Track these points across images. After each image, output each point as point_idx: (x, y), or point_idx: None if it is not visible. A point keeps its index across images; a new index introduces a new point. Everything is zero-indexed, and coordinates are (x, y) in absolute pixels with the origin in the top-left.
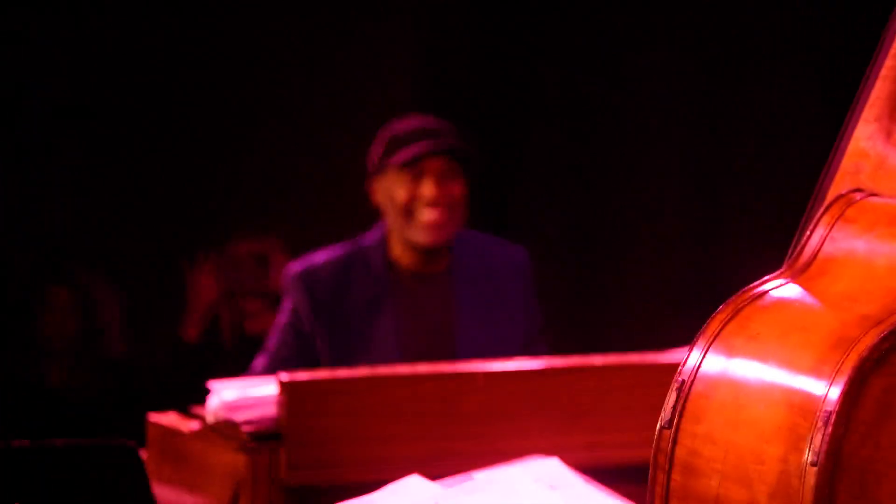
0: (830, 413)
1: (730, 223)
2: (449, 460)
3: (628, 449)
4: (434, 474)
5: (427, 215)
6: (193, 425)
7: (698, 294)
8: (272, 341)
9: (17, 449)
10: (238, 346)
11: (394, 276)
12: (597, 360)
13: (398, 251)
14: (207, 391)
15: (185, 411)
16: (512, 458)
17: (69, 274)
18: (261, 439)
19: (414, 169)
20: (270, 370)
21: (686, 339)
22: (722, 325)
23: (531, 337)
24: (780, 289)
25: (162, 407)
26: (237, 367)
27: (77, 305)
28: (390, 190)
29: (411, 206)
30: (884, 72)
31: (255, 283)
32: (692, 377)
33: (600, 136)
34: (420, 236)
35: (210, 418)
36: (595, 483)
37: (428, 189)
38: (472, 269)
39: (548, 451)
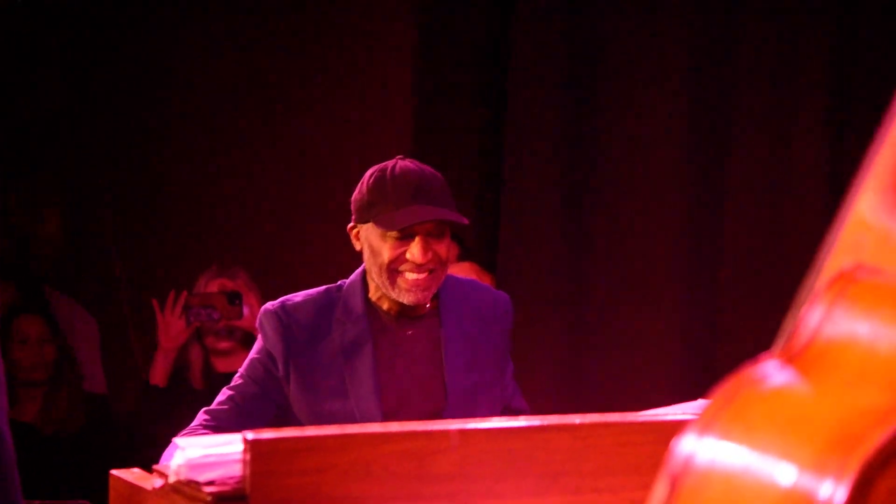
0: None
1: (722, 282)
2: None
3: None
4: None
5: (412, 278)
6: (157, 482)
7: (685, 354)
8: (241, 376)
9: None
10: (207, 384)
11: (374, 319)
12: (575, 418)
13: (379, 293)
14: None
15: (149, 468)
16: None
17: (42, 305)
18: (225, 500)
19: (402, 231)
20: (233, 406)
21: (668, 398)
22: (717, 413)
23: (509, 382)
24: (778, 374)
25: (130, 449)
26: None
27: (49, 334)
28: (374, 245)
29: (395, 266)
30: (891, 139)
31: (227, 321)
32: (685, 469)
33: (593, 182)
34: (403, 297)
35: (173, 477)
36: None
37: (415, 254)
38: (458, 311)
39: None
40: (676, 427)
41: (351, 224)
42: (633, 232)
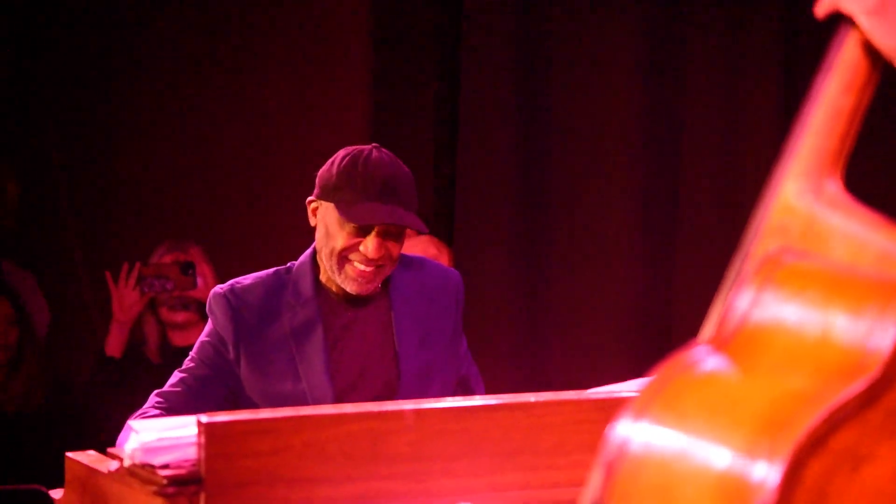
0: (766, 501)
1: (677, 249)
2: (378, 502)
3: (562, 488)
4: None
5: (359, 270)
6: (112, 465)
7: (639, 328)
8: (192, 359)
9: None
10: (164, 358)
11: (324, 300)
12: (530, 396)
13: (328, 275)
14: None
15: (104, 446)
16: (442, 499)
17: (4, 284)
18: (180, 483)
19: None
20: (185, 388)
21: (625, 368)
22: (651, 399)
23: (462, 357)
24: (709, 360)
25: (87, 426)
26: (163, 381)
27: (14, 315)
28: (329, 227)
29: (346, 254)
30: (813, 124)
31: (180, 292)
32: (619, 454)
33: (552, 150)
34: (348, 285)
35: (128, 461)
36: None
37: (369, 249)
38: (408, 290)
39: (480, 491)
40: (629, 404)
41: (311, 198)
42: (590, 201)
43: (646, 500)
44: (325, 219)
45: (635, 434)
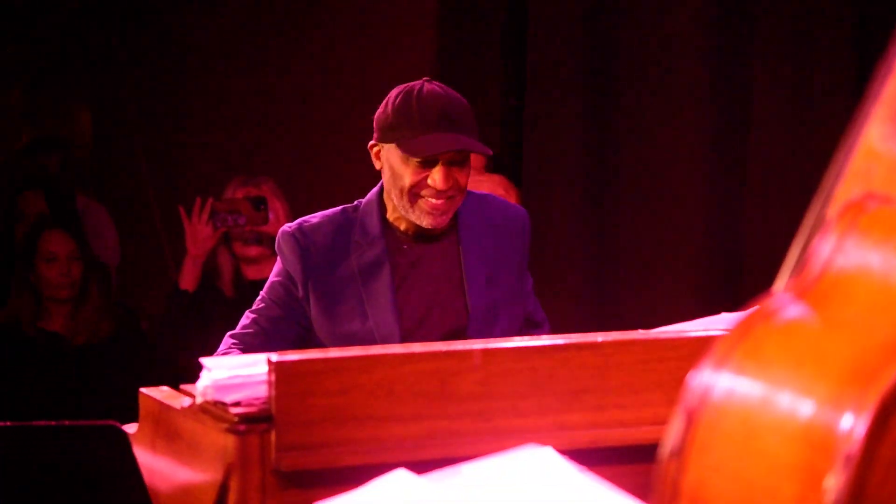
0: (853, 452)
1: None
2: (445, 440)
3: (630, 427)
4: (429, 456)
5: (432, 203)
6: (185, 402)
7: (708, 267)
8: (262, 300)
9: (2, 430)
10: (238, 292)
11: (392, 239)
12: (598, 336)
13: (396, 213)
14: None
15: (177, 385)
16: (510, 438)
17: (70, 219)
18: (251, 421)
19: (425, 157)
20: (258, 329)
21: (691, 312)
22: (732, 348)
23: (529, 295)
24: (791, 308)
25: (159, 360)
26: (237, 314)
27: (77, 250)
28: (395, 167)
29: (416, 191)
30: None
31: (252, 227)
32: (701, 403)
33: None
34: (423, 220)
35: (199, 398)
36: (591, 472)
37: (437, 181)
38: (476, 227)
39: (547, 430)
40: (698, 343)
41: (372, 142)
42: (659, 141)
43: (728, 449)
44: (388, 160)
45: (717, 382)
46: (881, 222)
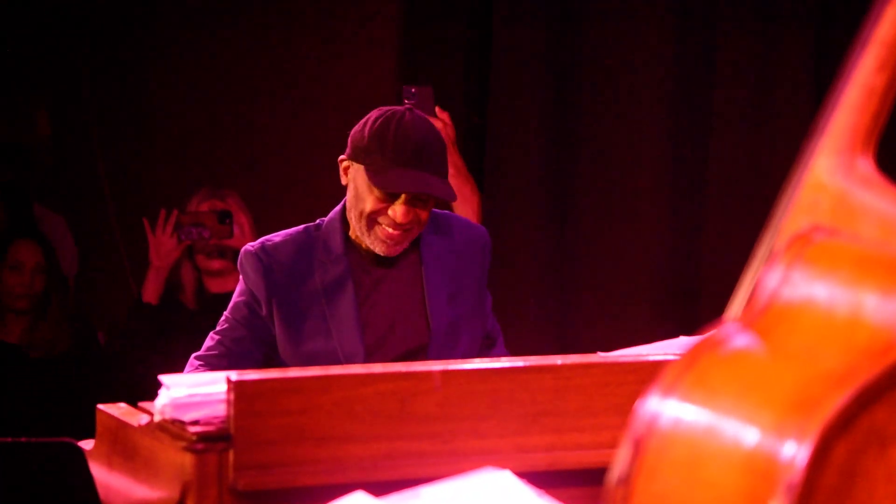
0: (795, 480)
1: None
2: (404, 461)
3: (588, 450)
4: (388, 477)
5: (388, 233)
6: (143, 419)
7: (666, 290)
8: (227, 320)
9: None
10: (200, 305)
11: (354, 257)
12: (557, 359)
13: (358, 234)
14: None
15: (135, 402)
16: (469, 459)
17: (36, 229)
18: (209, 440)
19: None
20: (224, 350)
21: (649, 335)
22: (680, 376)
23: (489, 313)
24: (737, 338)
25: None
26: (199, 327)
27: (44, 263)
28: (359, 189)
29: (375, 217)
30: (846, 101)
31: (217, 240)
32: (648, 430)
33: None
34: (376, 247)
35: (158, 416)
36: (549, 495)
37: (397, 214)
38: (438, 246)
39: (506, 452)
40: (657, 367)
41: (343, 157)
42: (619, 161)
43: (674, 477)
44: (355, 180)
45: (664, 410)
46: (827, 254)
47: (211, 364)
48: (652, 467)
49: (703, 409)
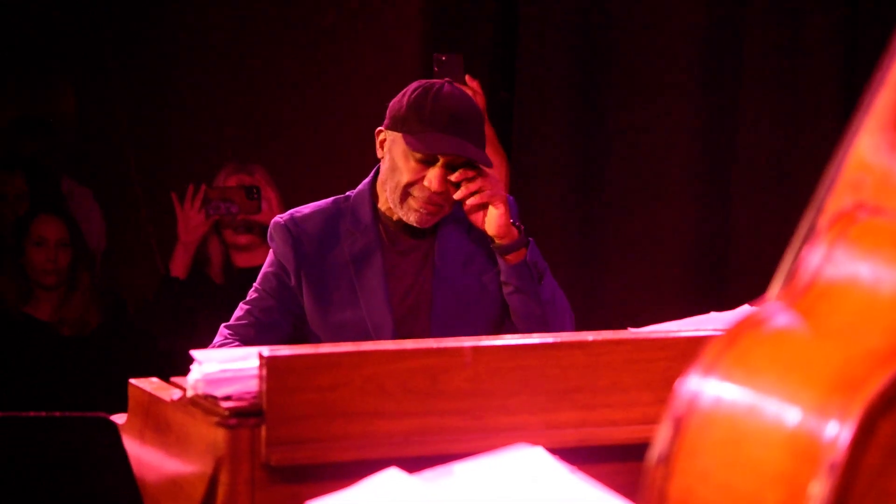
0: (838, 459)
1: (738, 205)
2: (435, 437)
3: (619, 426)
4: (419, 453)
5: (423, 204)
6: (175, 394)
7: (696, 266)
8: (256, 290)
9: None
10: (227, 279)
11: (383, 228)
12: (588, 335)
13: (388, 204)
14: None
15: (165, 376)
16: (499, 435)
17: (59, 204)
18: (241, 415)
19: (426, 155)
20: (253, 320)
21: (677, 308)
22: (721, 355)
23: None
24: (779, 316)
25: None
26: (226, 302)
27: (68, 238)
28: (396, 159)
29: (411, 189)
30: (890, 80)
31: (245, 216)
32: (689, 410)
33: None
34: (409, 217)
35: (190, 391)
36: (580, 471)
37: (432, 181)
38: (456, 234)
39: (536, 428)
40: (688, 343)
41: (380, 129)
42: (648, 135)
43: (714, 456)
44: (392, 150)
45: (705, 389)
46: (870, 233)
47: (240, 333)
48: (692, 446)
49: (745, 388)
